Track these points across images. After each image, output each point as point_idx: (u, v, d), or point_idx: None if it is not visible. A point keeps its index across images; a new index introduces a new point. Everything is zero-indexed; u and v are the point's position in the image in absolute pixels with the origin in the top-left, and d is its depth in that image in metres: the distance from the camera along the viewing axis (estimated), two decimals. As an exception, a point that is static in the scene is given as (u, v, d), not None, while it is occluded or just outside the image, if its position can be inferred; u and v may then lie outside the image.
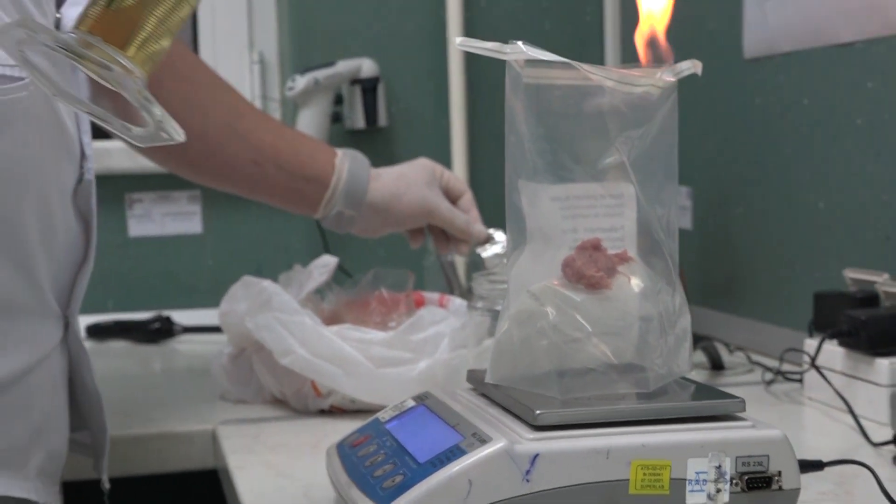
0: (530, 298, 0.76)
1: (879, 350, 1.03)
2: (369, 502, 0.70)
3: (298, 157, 1.18)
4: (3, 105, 0.76)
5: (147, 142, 0.64)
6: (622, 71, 0.77)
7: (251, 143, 1.15)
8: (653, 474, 0.70)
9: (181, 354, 1.52)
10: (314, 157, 1.19)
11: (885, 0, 1.15)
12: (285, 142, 1.18)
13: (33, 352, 0.82)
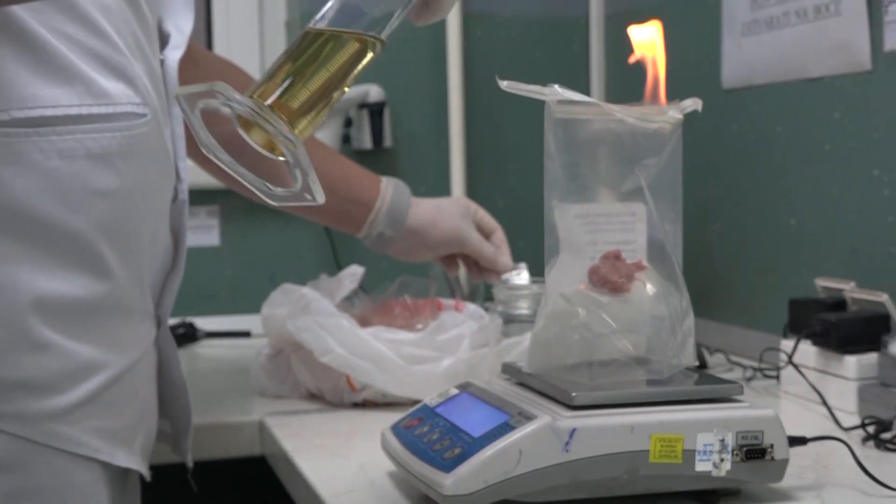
0: (563, 300, 0.89)
1: (848, 348, 1.17)
2: (434, 470, 0.83)
3: (348, 182, 1.33)
4: (133, 138, 0.88)
5: (286, 201, 0.74)
6: (639, 109, 0.91)
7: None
8: (669, 446, 0.84)
9: (204, 357, 1.64)
10: (361, 181, 1.34)
11: (851, 41, 1.31)
12: (337, 167, 1.33)
13: (140, 347, 0.94)
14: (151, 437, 1.01)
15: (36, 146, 0.83)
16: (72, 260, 0.86)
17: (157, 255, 0.98)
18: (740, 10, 1.52)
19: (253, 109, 0.70)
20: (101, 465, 0.89)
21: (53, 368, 0.85)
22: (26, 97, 0.83)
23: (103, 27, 0.88)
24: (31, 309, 0.83)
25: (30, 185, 0.83)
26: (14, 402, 0.82)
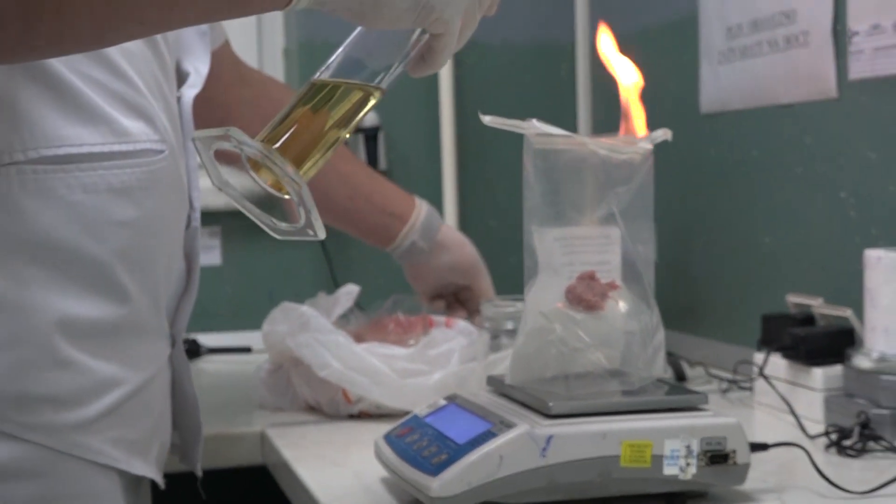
0: (542, 317, 0.97)
1: (815, 361, 1.25)
2: (422, 474, 0.90)
3: (385, 196, 1.46)
4: (151, 172, 0.95)
5: (289, 236, 0.80)
6: (610, 141, 0.99)
7: (349, 182, 1.42)
8: (638, 452, 0.91)
9: (207, 372, 1.71)
10: (398, 196, 1.48)
11: (818, 70, 1.38)
12: (378, 184, 1.47)
13: (155, 364, 1.00)
14: (165, 448, 1.07)
15: (62, 181, 0.90)
16: (94, 285, 0.92)
17: (171, 279, 1.04)
18: (716, 40, 1.60)
19: (262, 152, 0.77)
20: (118, 472, 0.95)
21: (76, 384, 0.91)
22: (54, 136, 0.89)
23: (125, 70, 0.94)
24: (57, 330, 0.89)
25: (56, 217, 0.89)
26: (39, 414, 0.89)
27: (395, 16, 0.82)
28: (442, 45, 0.87)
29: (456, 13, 0.86)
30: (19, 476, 0.88)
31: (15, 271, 0.88)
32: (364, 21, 0.84)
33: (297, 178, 0.77)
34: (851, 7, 1.33)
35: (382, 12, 0.82)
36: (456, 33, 0.87)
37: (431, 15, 0.83)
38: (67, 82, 0.90)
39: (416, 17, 0.83)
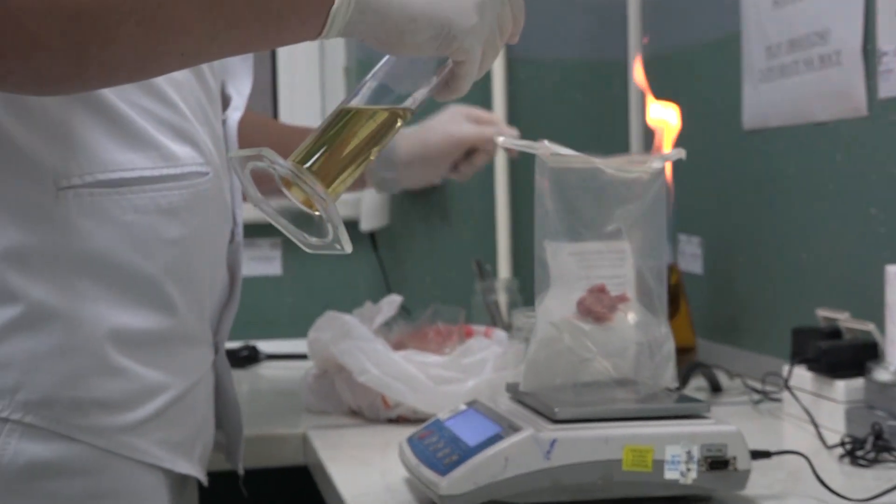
0: (552, 328, 1.02)
1: (838, 373, 1.28)
2: (433, 473, 0.96)
3: None
4: (197, 193, 1.02)
5: (318, 250, 0.87)
6: (619, 160, 1.03)
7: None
8: (640, 456, 0.96)
9: (265, 378, 1.78)
10: None
11: (849, 89, 1.41)
12: None
13: (200, 370, 1.08)
14: (209, 448, 1.14)
15: (115, 203, 0.97)
16: (143, 298, 0.99)
17: (215, 291, 1.12)
18: (757, 59, 1.63)
19: (292, 171, 0.83)
20: (163, 471, 1.02)
21: (126, 390, 0.98)
22: (108, 162, 0.97)
23: (173, 99, 1.02)
24: (108, 340, 0.96)
25: (109, 236, 0.97)
26: (91, 418, 0.96)
27: (418, 44, 0.89)
28: (464, 72, 0.93)
29: (476, 42, 0.91)
30: (72, 473, 0.95)
31: (70, 286, 0.95)
32: (390, 49, 0.90)
33: (325, 195, 0.83)
34: (881, 27, 1.35)
35: (406, 41, 0.88)
36: (477, 61, 0.93)
37: (453, 44, 0.89)
38: (120, 112, 0.97)
39: (439, 45, 0.89)
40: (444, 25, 0.88)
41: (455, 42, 0.90)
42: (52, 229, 0.94)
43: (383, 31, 0.87)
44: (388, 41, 0.89)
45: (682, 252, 1.90)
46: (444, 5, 0.89)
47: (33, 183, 0.93)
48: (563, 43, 2.05)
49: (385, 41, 0.89)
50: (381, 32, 0.88)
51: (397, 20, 0.87)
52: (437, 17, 0.88)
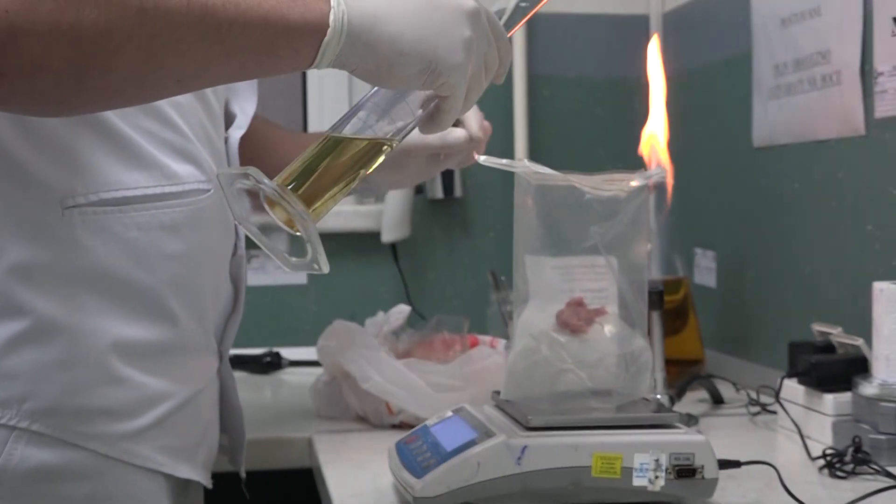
0: (531, 339, 1.07)
1: (827, 387, 1.31)
2: (411, 476, 1.01)
3: None
4: (197, 210, 1.07)
5: (298, 269, 0.90)
6: (598, 178, 1.08)
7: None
8: (608, 463, 1.00)
9: (286, 383, 1.84)
10: None
11: (850, 108, 1.44)
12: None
13: (203, 378, 1.13)
14: (213, 452, 1.19)
15: (119, 220, 1.02)
16: (146, 311, 1.04)
17: (219, 302, 1.17)
18: (766, 77, 1.66)
19: (276, 191, 0.87)
20: (164, 476, 1.07)
21: (128, 398, 1.03)
22: (112, 181, 1.02)
23: (174, 120, 1.07)
24: (111, 350, 1.01)
25: (112, 252, 1.02)
26: (94, 425, 1.01)
27: (405, 77, 0.92)
28: (448, 107, 0.96)
29: (461, 79, 0.94)
30: (75, 477, 1.00)
31: (75, 300, 1.00)
32: (378, 81, 0.94)
33: (306, 215, 0.87)
34: (877, 48, 1.38)
35: (394, 74, 0.92)
36: (461, 97, 0.96)
37: (439, 79, 0.93)
38: (123, 133, 1.02)
39: (425, 80, 0.93)
40: (431, 61, 0.92)
41: (441, 78, 0.93)
42: (57, 246, 0.99)
43: (373, 63, 0.91)
44: (377, 74, 0.92)
45: (698, 266, 1.93)
46: (432, 42, 0.92)
47: (40, 202, 0.98)
48: (585, 61, 2.09)
49: (374, 73, 0.92)
50: (370, 65, 0.91)
51: (386, 53, 0.91)
52: (424, 53, 0.91)
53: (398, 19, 0.92)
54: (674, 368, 1.66)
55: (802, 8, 1.55)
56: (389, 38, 0.91)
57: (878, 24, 1.37)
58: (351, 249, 2.04)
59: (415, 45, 0.92)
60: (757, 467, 1.13)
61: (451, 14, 0.94)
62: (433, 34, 0.93)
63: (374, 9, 0.91)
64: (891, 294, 1.22)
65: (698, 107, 1.95)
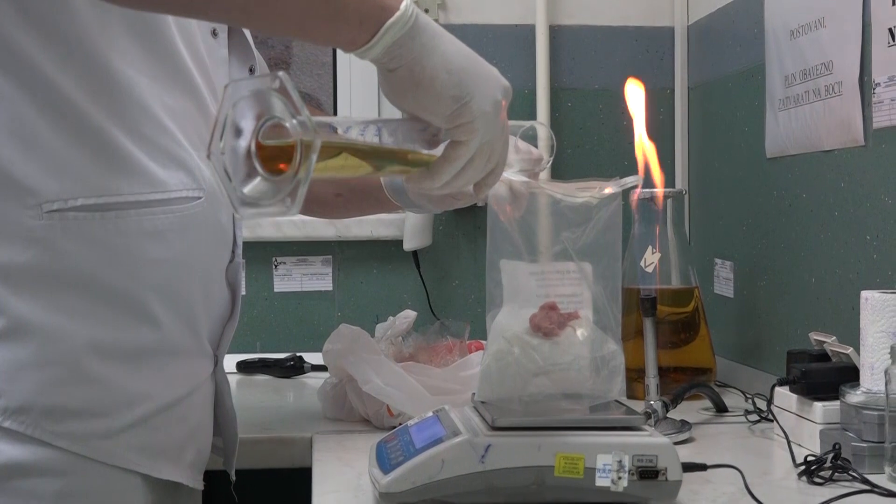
0: (504, 342, 1.09)
1: (818, 395, 1.31)
2: (380, 472, 1.04)
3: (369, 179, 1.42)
4: (185, 217, 1.10)
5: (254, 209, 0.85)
6: (571, 185, 1.10)
7: (332, 181, 1.45)
8: (571, 463, 1.02)
9: (308, 386, 1.89)
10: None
11: (849, 119, 1.44)
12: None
13: (192, 381, 1.16)
14: (204, 454, 1.22)
15: (100, 226, 1.05)
16: (125, 314, 1.07)
17: (212, 308, 1.19)
18: (777, 88, 1.67)
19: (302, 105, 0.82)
20: (142, 476, 1.10)
21: (103, 398, 1.06)
22: (95, 187, 1.04)
23: (169, 127, 1.10)
24: (86, 351, 1.04)
25: (92, 256, 1.05)
26: (66, 424, 1.03)
27: (439, 97, 0.94)
28: (456, 156, 0.97)
29: (483, 129, 0.96)
30: (45, 474, 1.03)
31: (53, 301, 1.03)
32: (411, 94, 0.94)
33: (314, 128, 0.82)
34: (875, 59, 1.39)
35: (433, 88, 0.94)
36: (471, 152, 0.97)
37: (464, 117, 0.95)
38: (111, 138, 1.05)
39: (454, 111, 0.95)
40: (468, 94, 0.95)
41: (467, 116, 0.95)
42: (37, 249, 1.02)
43: (419, 68, 0.93)
44: (416, 83, 0.94)
45: (717, 276, 1.94)
46: (472, 81, 0.96)
47: (21, 205, 1.02)
48: (608, 72, 2.11)
49: (412, 82, 0.93)
50: (416, 68, 0.93)
51: (436, 63, 0.94)
52: (465, 84, 0.95)
53: (454, 46, 0.96)
54: (682, 377, 1.68)
55: (809, 19, 1.55)
56: (443, 53, 0.95)
57: (876, 34, 1.38)
58: (375, 257, 2.09)
59: (460, 74, 0.95)
60: (732, 473, 1.14)
61: (491, 73, 0.99)
62: (475, 77, 0.97)
63: (438, 29, 0.95)
64: (876, 302, 1.23)
65: (717, 118, 1.96)
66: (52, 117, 1.03)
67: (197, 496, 1.26)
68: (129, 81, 1.07)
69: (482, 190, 1.03)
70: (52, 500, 1.03)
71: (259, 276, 2.07)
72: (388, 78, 0.96)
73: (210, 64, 1.18)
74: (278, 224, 2.03)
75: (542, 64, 2.07)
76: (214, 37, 1.20)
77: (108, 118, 1.06)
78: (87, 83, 1.04)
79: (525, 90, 2.07)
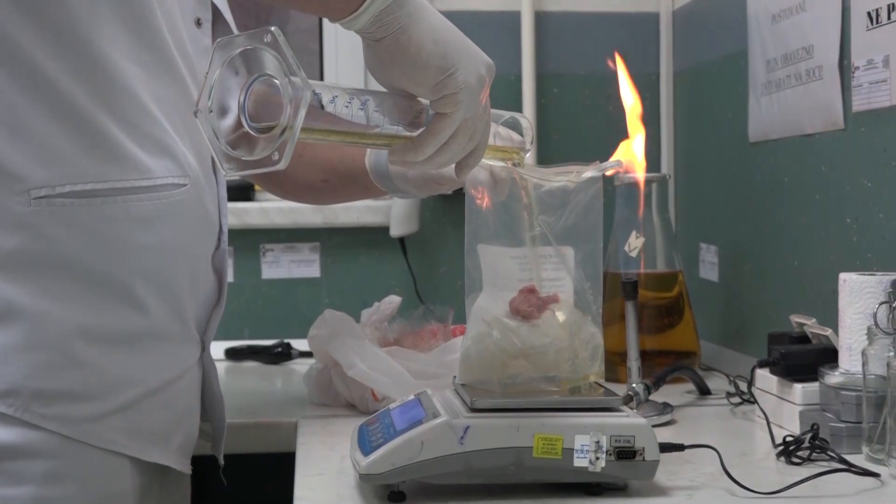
0: (484, 325, 1.10)
1: (796, 377, 1.32)
2: (360, 454, 1.05)
3: (354, 161, 1.42)
4: (171, 204, 1.11)
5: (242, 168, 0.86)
6: (547, 170, 1.11)
7: (318, 167, 1.45)
8: (550, 444, 1.03)
9: (295, 373, 1.89)
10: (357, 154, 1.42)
11: (829, 102, 1.45)
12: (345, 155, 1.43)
13: (179, 366, 1.17)
14: (192, 438, 1.23)
15: (87, 212, 1.06)
16: (113, 299, 1.08)
17: (199, 294, 1.20)
18: (760, 72, 1.68)
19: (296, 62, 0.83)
20: (131, 459, 1.11)
21: (91, 382, 1.07)
22: (82, 174, 1.05)
23: (155, 113, 1.11)
24: (75, 336, 1.05)
25: (80, 242, 1.06)
26: (55, 407, 1.05)
27: (424, 66, 0.94)
28: (439, 129, 0.97)
29: (467, 102, 0.96)
30: (35, 456, 1.04)
31: (41, 286, 1.04)
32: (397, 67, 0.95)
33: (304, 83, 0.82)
34: (854, 43, 1.40)
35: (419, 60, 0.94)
36: (455, 125, 0.97)
37: (449, 88, 0.95)
38: (98, 125, 1.06)
39: (439, 82, 0.95)
40: (453, 65, 0.95)
41: (452, 88, 0.95)
42: (25, 235, 1.03)
43: (405, 39, 0.94)
44: (401, 55, 0.94)
45: (703, 260, 1.95)
46: (459, 54, 0.96)
47: (9, 192, 1.03)
48: (594, 58, 2.12)
49: (397, 54, 0.94)
50: (402, 40, 0.94)
51: (422, 32, 0.94)
52: (452, 55, 0.95)
53: (439, 19, 0.97)
54: (667, 360, 1.69)
55: (790, 4, 1.56)
56: (430, 24, 0.95)
57: (855, 18, 1.39)
58: (362, 244, 2.10)
59: (446, 45, 0.95)
60: (712, 454, 1.15)
61: (476, 49, 0.99)
62: (460, 50, 0.97)
63: (423, 1, 0.96)
64: (854, 284, 1.24)
65: (702, 103, 1.97)
66: (40, 104, 1.04)
67: (185, 480, 1.27)
68: (117, 68, 1.07)
69: (463, 171, 1.03)
70: (40, 482, 1.04)
71: (247, 263, 2.08)
72: (375, 49, 0.96)
73: (193, 53, 1.18)
74: (266, 211, 2.04)
75: (527, 50, 2.07)
76: (198, 26, 1.21)
77: (95, 104, 1.06)
78: (75, 69, 1.05)
79: (511, 76, 2.08)
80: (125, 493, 1.11)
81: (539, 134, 2.08)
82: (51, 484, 1.05)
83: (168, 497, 1.22)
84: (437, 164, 1.00)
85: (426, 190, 1.39)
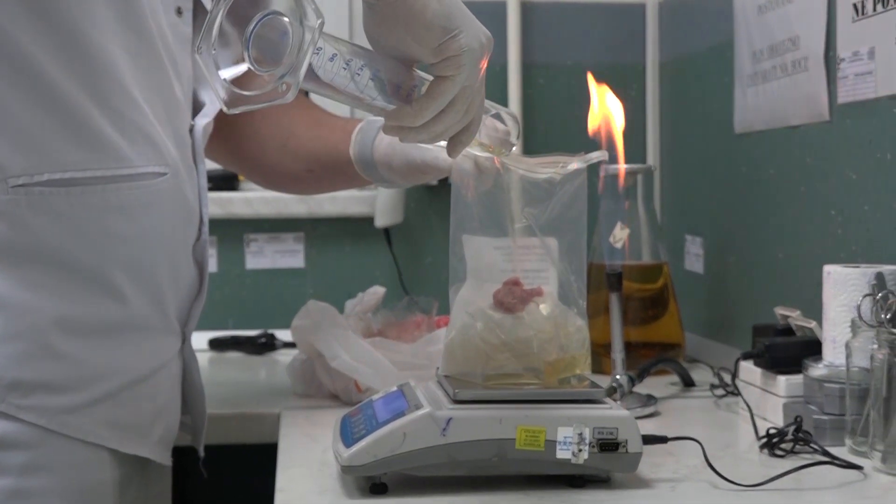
0: (467, 317, 1.10)
1: (780, 369, 1.32)
2: (342, 445, 1.05)
3: (339, 151, 1.40)
4: (151, 193, 1.11)
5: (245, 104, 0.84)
6: (532, 161, 1.11)
7: (303, 157, 1.44)
8: (532, 436, 1.03)
9: (279, 363, 1.88)
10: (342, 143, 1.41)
11: (814, 94, 1.45)
12: (330, 145, 1.42)
13: (160, 357, 1.16)
14: (172, 430, 1.22)
15: (66, 201, 1.05)
16: (91, 289, 1.07)
17: (180, 285, 1.20)
18: (746, 63, 1.67)
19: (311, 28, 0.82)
20: (108, 450, 1.10)
21: (70, 373, 1.06)
22: (61, 162, 1.04)
23: (138, 100, 1.10)
24: (53, 326, 1.05)
25: (59, 231, 1.05)
26: (32, 398, 1.04)
27: (428, 27, 0.91)
28: (440, 92, 0.93)
29: (470, 65, 0.93)
30: (12, 447, 1.04)
31: (19, 276, 1.03)
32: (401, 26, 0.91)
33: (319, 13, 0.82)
34: (840, 35, 1.39)
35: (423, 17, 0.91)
36: (457, 88, 0.94)
37: (452, 49, 0.92)
38: (79, 112, 1.05)
39: (442, 43, 0.92)
40: (457, 27, 0.92)
41: (454, 48, 0.92)
42: (3, 223, 1.03)
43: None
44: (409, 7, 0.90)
45: (688, 252, 1.95)
46: (463, 18, 0.94)
47: None
48: (580, 49, 2.11)
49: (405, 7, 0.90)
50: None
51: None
52: (456, 16, 0.93)
53: None
54: (651, 352, 1.69)
55: (776, -5, 1.56)
56: None
57: (841, 9, 1.38)
58: (347, 234, 2.09)
59: (450, 6, 0.93)
60: (695, 446, 1.15)
61: (476, 20, 0.97)
62: (463, 14, 0.95)
63: None
64: (838, 277, 1.24)
65: (688, 94, 1.97)
66: (20, 89, 1.03)
67: (166, 472, 1.27)
68: (103, 52, 1.06)
69: (456, 149, 1.00)
70: (18, 473, 1.04)
71: (231, 253, 2.07)
72: (378, 9, 0.93)
73: (173, 41, 1.17)
74: (250, 201, 2.03)
75: (513, 41, 2.07)
76: (179, 15, 1.20)
77: (79, 89, 1.05)
78: (62, 53, 1.04)
79: (497, 67, 2.07)
80: (105, 485, 1.11)
81: (525, 124, 2.07)
82: (29, 475, 1.04)
83: (149, 489, 1.22)
84: (431, 134, 0.96)
85: (411, 179, 1.38)
